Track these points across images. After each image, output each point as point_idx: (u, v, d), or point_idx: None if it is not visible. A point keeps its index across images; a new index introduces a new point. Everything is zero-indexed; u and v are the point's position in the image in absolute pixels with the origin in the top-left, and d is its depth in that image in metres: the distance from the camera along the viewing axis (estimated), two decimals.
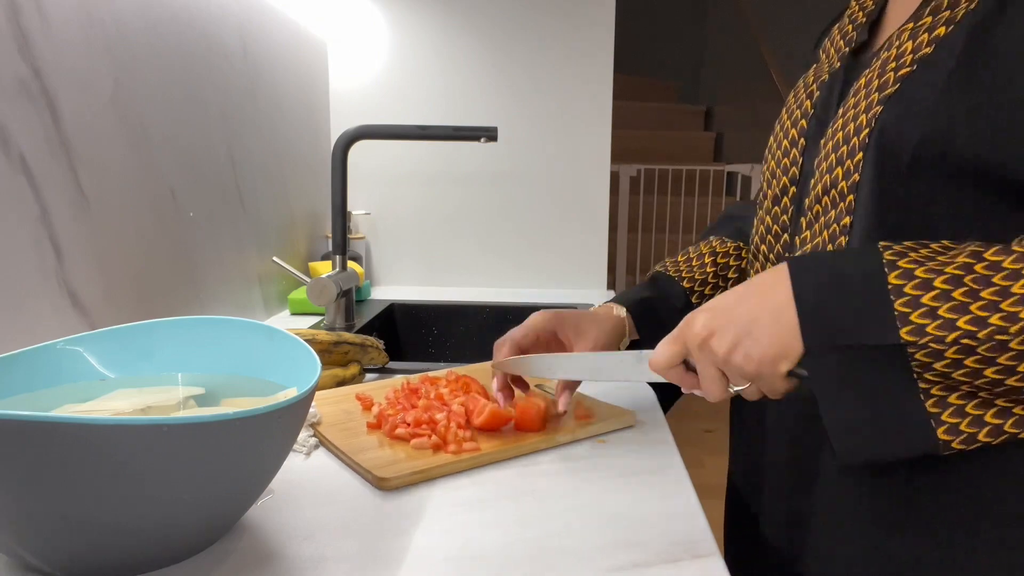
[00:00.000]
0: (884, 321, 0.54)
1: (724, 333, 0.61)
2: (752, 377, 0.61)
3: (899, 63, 0.63)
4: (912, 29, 0.64)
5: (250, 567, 0.55)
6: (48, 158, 0.78)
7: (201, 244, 1.12)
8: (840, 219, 0.65)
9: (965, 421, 0.55)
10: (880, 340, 0.54)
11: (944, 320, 0.53)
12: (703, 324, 0.63)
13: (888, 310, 0.54)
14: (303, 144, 1.55)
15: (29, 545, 0.50)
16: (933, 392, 0.55)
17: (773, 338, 0.59)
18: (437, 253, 1.77)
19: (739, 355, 0.60)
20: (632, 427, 0.84)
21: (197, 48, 1.10)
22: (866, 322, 0.55)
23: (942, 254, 0.56)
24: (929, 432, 0.56)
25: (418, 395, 0.85)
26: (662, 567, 0.56)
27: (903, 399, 0.56)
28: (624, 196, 4.14)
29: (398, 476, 0.68)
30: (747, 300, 0.61)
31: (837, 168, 0.66)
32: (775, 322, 0.59)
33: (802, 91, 0.77)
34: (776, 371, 0.60)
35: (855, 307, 0.56)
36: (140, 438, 0.45)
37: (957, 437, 0.55)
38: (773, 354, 0.59)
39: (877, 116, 0.62)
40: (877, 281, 0.55)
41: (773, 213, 0.76)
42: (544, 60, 1.68)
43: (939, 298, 0.53)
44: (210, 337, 0.71)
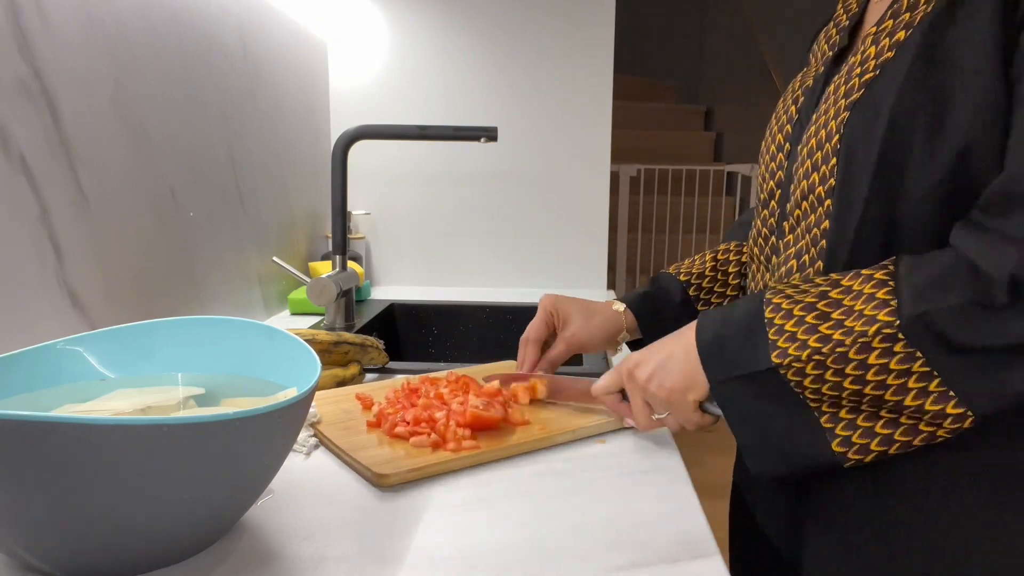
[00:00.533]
0: (760, 350, 0.62)
1: (646, 365, 0.71)
2: (666, 405, 0.70)
3: (864, 68, 0.65)
4: (875, 34, 0.65)
5: (250, 567, 0.55)
6: (48, 158, 0.78)
7: (201, 244, 1.12)
8: (820, 223, 0.67)
9: (856, 433, 0.60)
10: (759, 366, 0.62)
11: (800, 341, 0.60)
12: (634, 358, 0.73)
13: (763, 340, 0.62)
14: (303, 144, 1.55)
15: (29, 545, 0.50)
16: (824, 409, 0.61)
17: (682, 370, 0.68)
18: (437, 253, 1.77)
19: (654, 384, 0.70)
20: (632, 427, 0.84)
21: (197, 48, 1.10)
22: (749, 353, 0.63)
23: (814, 285, 0.63)
24: (824, 445, 0.61)
25: (418, 395, 0.85)
26: (662, 567, 0.56)
27: (796, 417, 0.62)
28: (624, 196, 4.14)
29: (396, 473, 0.68)
30: (669, 341, 0.71)
31: (813, 174, 0.68)
32: (685, 359, 0.68)
33: (789, 96, 0.78)
34: (685, 400, 0.69)
35: (740, 342, 0.64)
36: (140, 438, 0.45)
37: (850, 448, 0.60)
38: (682, 385, 0.68)
39: (844, 122, 0.64)
40: (756, 317, 0.64)
41: (763, 216, 0.78)
42: (544, 60, 1.68)
43: (797, 323, 0.61)
44: (210, 337, 0.71)
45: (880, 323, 0.56)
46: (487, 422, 0.77)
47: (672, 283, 0.95)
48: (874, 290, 0.58)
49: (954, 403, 0.56)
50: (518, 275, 1.77)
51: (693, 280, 0.94)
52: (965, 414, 0.56)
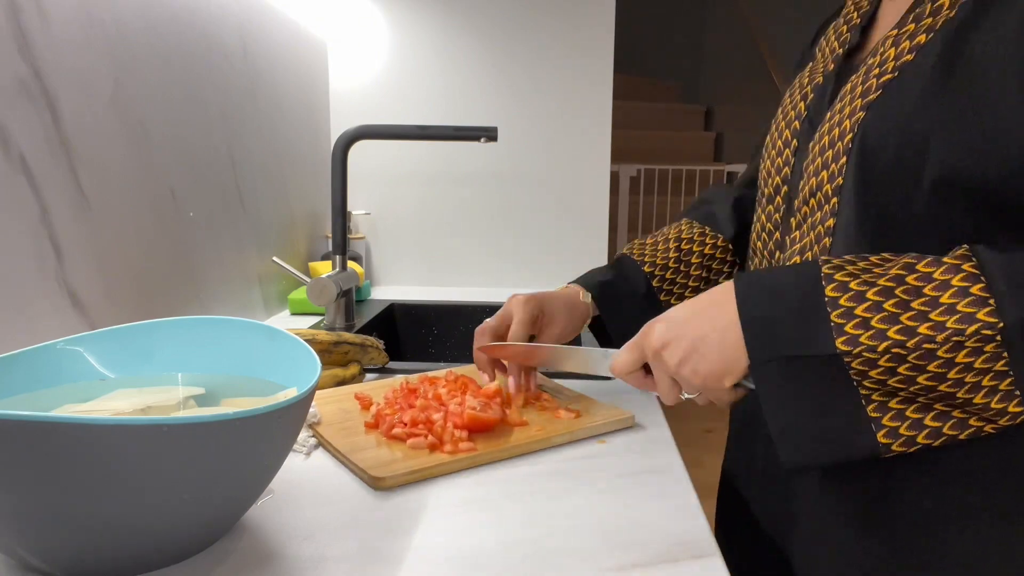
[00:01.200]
0: (821, 333, 0.57)
1: (675, 347, 0.65)
2: (699, 390, 0.66)
3: (882, 70, 0.64)
4: (895, 36, 0.65)
5: (250, 567, 0.55)
6: (48, 158, 0.78)
7: (201, 244, 1.12)
8: (825, 220, 0.67)
9: (904, 424, 0.57)
10: (818, 351, 0.57)
11: (876, 330, 0.55)
12: (658, 335, 0.67)
13: (824, 322, 0.57)
14: (303, 144, 1.54)
15: (29, 545, 0.50)
16: (874, 398, 0.57)
17: (718, 356, 0.63)
18: (437, 253, 1.77)
19: (687, 369, 0.65)
20: (632, 427, 0.84)
21: (197, 48, 1.10)
22: (805, 334, 0.58)
23: (879, 266, 0.59)
24: (870, 436, 0.57)
25: (417, 395, 0.85)
26: (662, 567, 0.56)
27: (844, 405, 0.58)
28: (624, 196, 4.14)
29: (393, 476, 0.68)
30: (698, 316, 0.65)
31: (823, 171, 0.67)
32: (721, 341, 0.62)
33: (797, 91, 0.77)
34: (720, 386, 0.64)
35: (794, 320, 0.58)
36: (140, 438, 0.45)
37: (896, 440, 0.57)
38: (718, 371, 0.63)
39: (860, 122, 0.63)
40: (815, 294, 0.58)
41: (767, 211, 0.77)
42: (544, 60, 1.68)
43: (871, 309, 0.56)
44: (210, 337, 0.71)
45: (980, 323, 0.53)
46: (484, 423, 0.77)
47: (636, 273, 0.95)
48: (965, 284, 0.54)
49: (1016, 402, 0.54)
50: (518, 275, 1.77)
51: (657, 272, 0.94)
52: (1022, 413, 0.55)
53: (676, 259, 0.95)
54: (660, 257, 0.95)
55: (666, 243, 0.96)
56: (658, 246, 0.97)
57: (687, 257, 0.95)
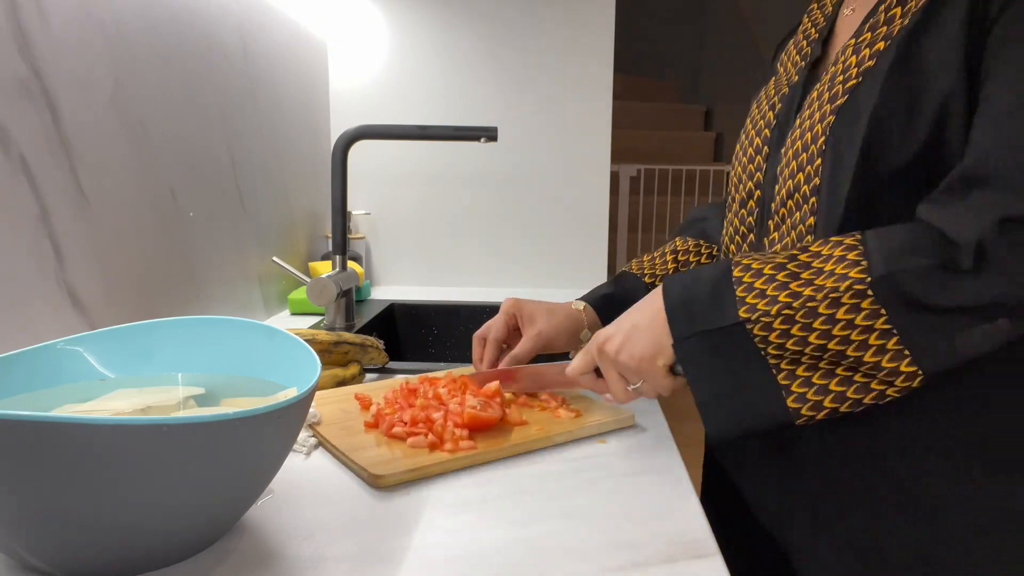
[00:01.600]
0: (727, 306, 0.65)
1: (614, 338, 0.73)
2: (637, 373, 0.72)
3: (846, 76, 0.69)
4: (855, 44, 0.70)
5: (250, 567, 0.55)
6: (48, 158, 0.78)
7: (201, 244, 1.12)
8: (805, 220, 0.71)
9: (811, 390, 0.63)
10: (725, 320, 0.64)
11: (770, 298, 0.63)
12: (602, 334, 0.75)
13: (731, 296, 0.65)
14: (303, 144, 1.54)
15: (29, 545, 0.50)
16: (783, 366, 0.64)
17: (648, 338, 0.70)
18: (437, 253, 1.77)
19: (624, 354, 0.71)
20: (632, 427, 0.84)
21: (197, 48, 1.10)
22: (715, 310, 0.65)
23: (783, 250, 0.66)
24: (780, 402, 0.63)
25: (416, 395, 0.85)
26: (662, 567, 0.56)
27: (755, 373, 0.64)
28: (624, 196, 4.14)
29: (393, 474, 0.68)
30: (634, 311, 0.73)
31: (799, 174, 0.71)
32: (650, 325, 0.70)
33: (764, 102, 0.82)
34: (655, 366, 0.70)
35: (708, 300, 0.66)
36: (140, 438, 0.45)
37: (804, 404, 0.63)
38: (650, 352, 0.70)
39: (830, 125, 0.69)
40: (724, 276, 0.66)
41: (740, 215, 0.81)
42: (544, 60, 1.68)
43: (767, 281, 0.64)
44: (210, 337, 0.71)
45: (851, 280, 0.60)
46: (485, 422, 0.77)
47: (636, 284, 0.99)
48: (844, 252, 0.62)
49: (907, 361, 0.59)
50: (518, 275, 1.77)
51: (657, 282, 0.98)
52: (915, 373, 0.59)
53: (675, 270, 0.99)
54: (659, 268, 1.00)
55: (663, 256, 1.02)
56: (655, 260, 1.02)
57: (684, 268, 0.99)
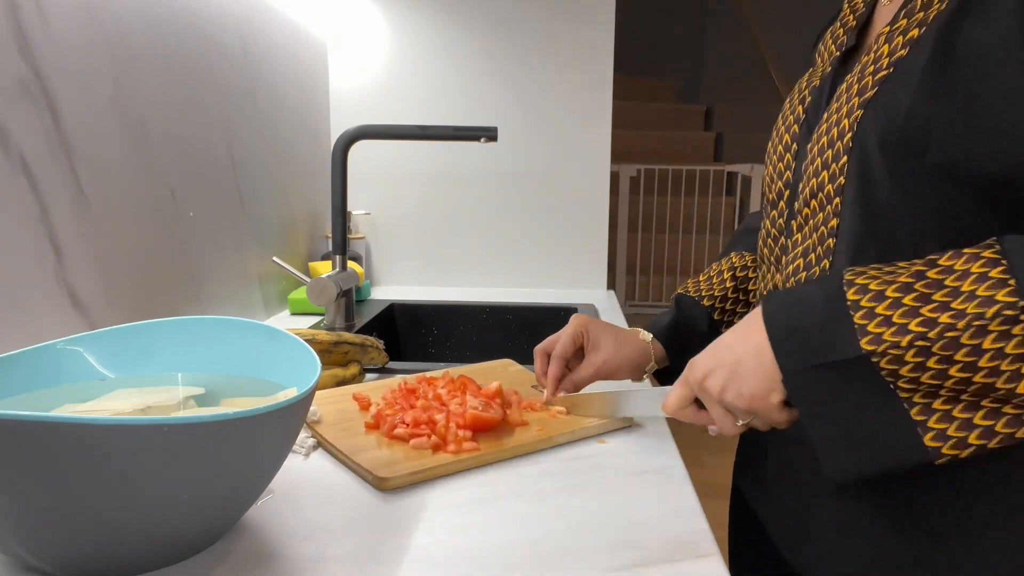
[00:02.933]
0: (846, 336, 0.56)
1: (716, 375, 0.65)
2: (748, 412, 0.64)
3: (876, 67, 0.64)
4: (888, 33, 0.65)
5: (250, 567, 0.55)
6: (48, 158, 0.78)
7: (201, 244, 1.12)
8: (828, 221, 0.66)
9: (953, 426, 0.55)
10: (845, 354, 0.56)
11: (898, 326, 0.54)
12: (699, 367, 0.67)
13: (848, 325, 0.56)
14: (303, 144, 1.54)
15: (29, 545, 0.50)
16: (916, 400, 0.55)
17: (757, 375, 0.62)
18: (437, 253, 1.77)
19: (731, 394, 0.64)
20: (632, 427, 0.84)
21: (197, 48, 1.10)
22: (831, 339, 0.57)
23: (900, 265, 0.58)
24: (915, 440, 0.55)
25: (415, 395, 0.85)
26: (662, 567, 0.56)
27: (883, 409, 0.56)
28: (624, 196, 4.14)
29: (398, 476, 0.68)
30: (734, 341, 0.65)
31: (823, 172, 0.67)
32: (756, 359, 0.62)
33: (796, 96, 0.77)
34: (768, 404, 0.62)
35: (819, 329, 0.58)
36: (140, 438, 0.45)
37: (946, 443, 0.55)
38: (760, 391, 0.62)
39: (858, 120, 0.63)
40: (838, 300, 0.57)
41: (771, 217, 0.77)
42: (544, 60, 1.68)
43: (892, 306, 0.55)
44: (210, 337, 0.71)
45: (1000, 304, 0.51)
46: (488, 423, 0.77)
47: (697, 310, 0.93)
48: (985, 269, 0.53)
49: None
50: (518, 275, 1.77)
51: (717, 304, 0.92)
52: None
53: (734, 288, 0.93)
54: (718, 289, 0.93)
55: (720, 275, 0.95)
56: (712, 280, 0.95)
57: (743, 285, 0.93)
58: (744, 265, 0.94)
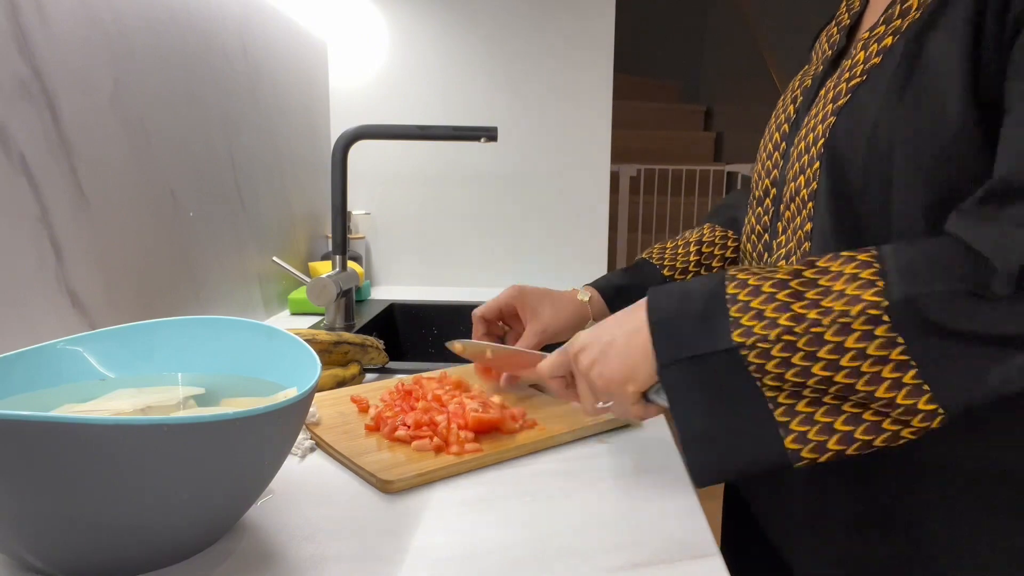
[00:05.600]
0: (720, 328, 0.57)
1: (589, 350, 0.65)
2: (605, 395, 0.65)
3: (852, 73, 0.64)
4: (866, 39, 0.65)
5: (250, 567, 0.55)
6: (48, 158, 0.78)
7: (201, 244, 1.12)
8: (803, 225, 0.67)
9: (814, 429, 0.55)
10: (716, 345, 0.56)
11: (769, 320, 0.55)
12: (580, 339, 0.67)
13: (724, 317, 0.57)
14: (303, 144, 1.54)
15: (29, 545, 0.50)
16: (780, 400, 0.56)
17: (622, 359, 0.62)
18: (437, 253, 1.77)
19: (595, 372, 0.65)
20: (632, 427, 0.84)
21: (197, 48, 1.10)
22: (706, 330, 0.57)
23: (786, 266, 0.59)
24: (777, 441, 0.56)
25: (413, 396, 0.85)
26: (662, 567, 0.56)
27: (749, 407, 0.56)
28: (624, 196, 4.14)
29: (403, 479, 0.68)
30: (615, 322, 0.65)
31: (800, 176, 0.67)
32: (627, 344, 0.62)
33: (789, 95, 0.78)
34: (623, 392, 0.63)
35: (697, 320, 0.58)
36: (140, 438, 0.45)
37: (806, 446, 0.55)
38: (620, 376, 0.63)
39: (830, 127, 0.63)
40: (717, 294, 0.58)
41: (757, 213, 0.78)
42: (544, 60, 1.68)
43: (766, 301, 0.56)
44: (210, 337, 0.71)
45: (865, 303, 0.52)
46: (491, 424, 0.77)
47: (654, 278, 0.93)
48: (857, 270, 0.54)
49: (927, 398, 0.52)
50: (518, 275, 1.77)
51: (677, 276, 0.93)
52: (936, 412, 0.52)
53: (696, 263, 0.93)
54: (680, 261, 0.93)
55: (686, 247, 0.94)
56: (678, 250, 0.95)
57: (708, 260, 0.93)
58: (712, 240, 0.94)
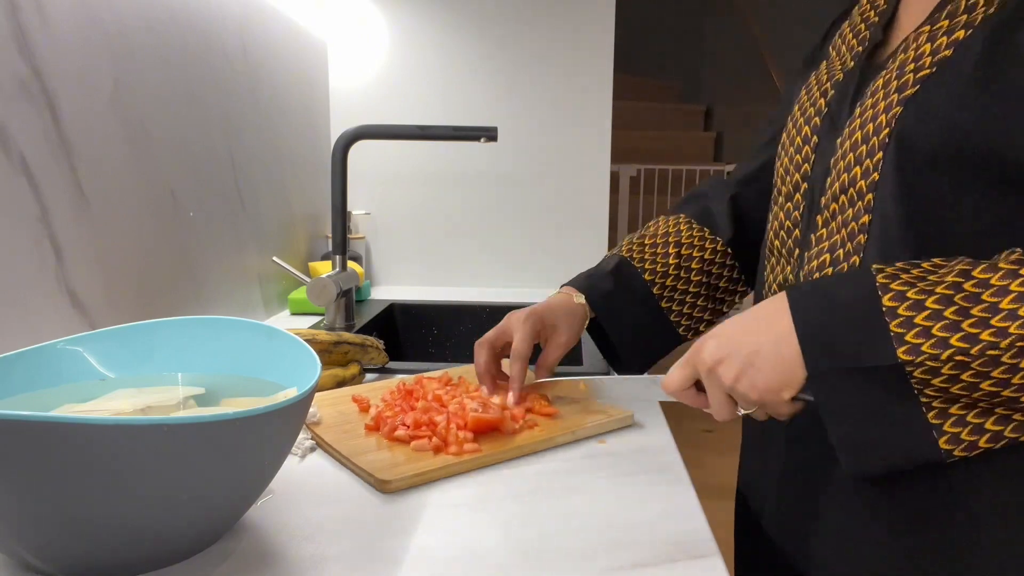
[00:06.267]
0: (881, 343, 0.57)
1: (730, 362, 0.64)
2: (757, 404, 0.64)
3: (918, 65, 0.64)
4: (929, 32, 0.65)
5: (250, 567, 0.55)
6: (48, 158, 0.78)
7: (201, 244, 1.12)
8: (859, 217, 0.66)
9: (966, 430, 0.57)
10: (879, 361, 0.57)
11: (938, 339, 0.55)
12: (711, 352, 0.65)
13: (884, 332, 0.57)
14: (303, 144, 1.54)
15: (29, 545, 0.50)
16: (935, 405, 0.57)
17: (776, 369, 0.62)
18: (437, 253, 1.77)
19: (744, 384, 0.63)
20: (632, 427, 0.84)
21: (197, 48, 1.10)
22: (864, 345, 0.57)
23: (932, 273, 0.58)
24: (931, 443, 0.57)
25: (414, 396, 0.85)
26: (662, 567, 0.56)
27: (904, 412, 0.57)
28: (624, 196, 4.14)
29: (400, 478, 0.68)
30: (752, 330, 0.64)
31: (855, 167, 0.66)
32: (776, 353, 0.62)
33: (816, 89, 0.77)
34: (779, 399, 0.63)
35: (853, 332, 0.58)
36: (140, 438, 0.45)
37: (958, 446, 0.57)
38: (776, 384, 0.62)
39: (897, 116, 0.63)
40: (872, 305, 0.58)
41: (786, 209, 0.76)
42: (544, 60, 1.68)
43: (931, 317, 0.56)
44: (210, 337, 0.71)
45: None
46: (490, 424, 0.77)
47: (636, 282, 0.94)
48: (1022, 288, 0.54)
49: None
50: (518, 275, 1.77)
51: (657, 280, 0.94)
52: None
53: (676, 265, 0.94)
54: (660, 264, 0.94)
55: (665, 247, 0.95)
56: (657, 250, 0.95)
57: (687, 263, 0.94)
58: (691, 242, 0.95)
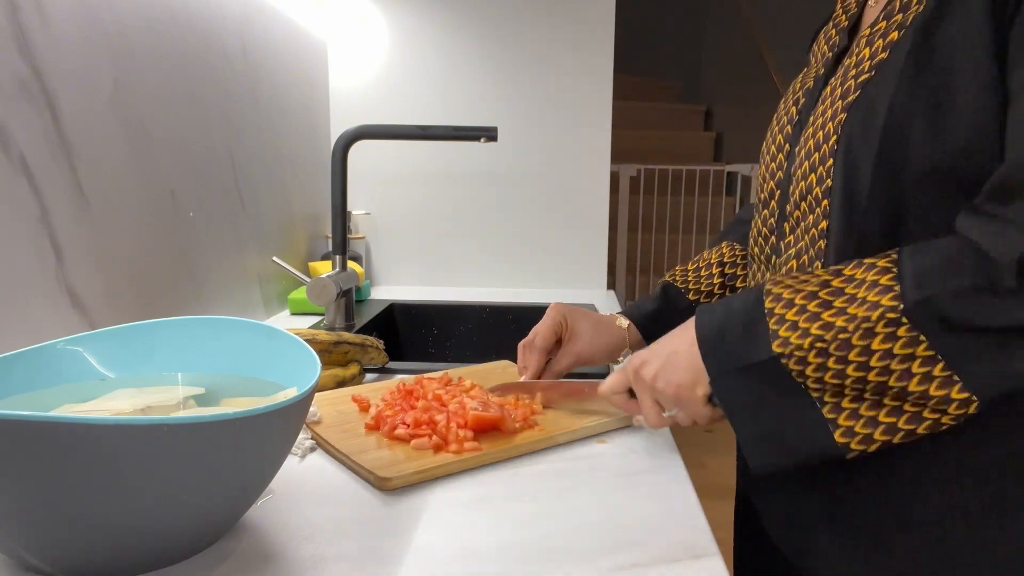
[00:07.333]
0: (762, 340, 0.62)
1: (651, 363, 0.71)
2: (674, 401, 0.69)
3: (859, 70, 0.66)
4: (869, 35, 0.66)
5: (250, 567, 0.55)
6: (48, 158, 0.78)
7: (201, 244, 1.12)
8: (818, 223, 0.68)
9: (859, 423, 0.60)
10: (759, 356, 0.62)
11: (802, 330, 0.60)
12: (640, 356, 0.73)
13: (765, 330, 0.62)
14: (303, 144, 1.55)
15: (29, 545, 0.50)
16: (826, 399, 0.61)
17: (687, 367, 0.68)
18: (437, 253, 1.77)
19: (661, 381, 0.69)
20: (632, 427, 0.84)
21: (197, 48, 1.10)
22: (749, 343, 0.63)
23: (812, 275, 0.63)
24: (827, 436, 0.60)
25: (415, 396, 0.85)
26: (662, 567, 0.56)
27: (798, 409, 0.61)
28: (624, 196, 4.14)
29: (400, 476, 0.68)
30: (671, 337, 0.71)
31: (811, 174, 0.69)
32: (688, 353, 0.68)
33: (790, 96, 0.79)
34: (694, 395, 0.68)
35: (741, 334, 0.63)
36: (140, 438, 0.45)
37: (853, 439, 0.60)
38: (689, 380, 0.68)
39: (842, 123, 0.65)
40: (756, 308, 0.63)
41: (763, 216, 0.78)
42: (544, 60, 1.68)
43: (799, 312, 0.61)
44: (210, 337, 0.71)
45: (883, 308, 0.56)
46: (490, 423, 0.77)
47: (682, 302, 0.95)
48: (877, 277, 0.58)
49: (958, 387, 0.56)
50: (518, 275, 1.77)
51: (702, 300, 0.95)
52: (970, 399, 0.56)
53: (721, 284, 0.96)
54: (704, 284, 0.96)
55: (709, 269, 0.97)
56: (701, 272, 0.98)
57: (731, 282, 0.96)
58: (734, 261, 0.97)
